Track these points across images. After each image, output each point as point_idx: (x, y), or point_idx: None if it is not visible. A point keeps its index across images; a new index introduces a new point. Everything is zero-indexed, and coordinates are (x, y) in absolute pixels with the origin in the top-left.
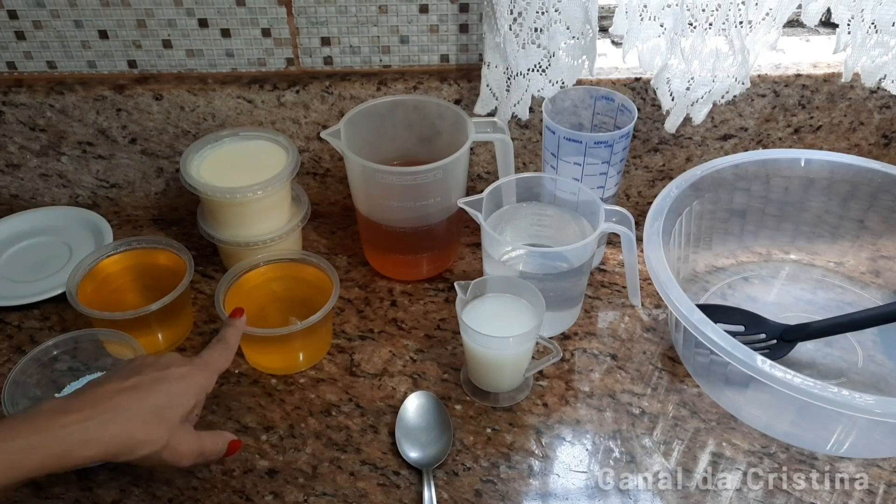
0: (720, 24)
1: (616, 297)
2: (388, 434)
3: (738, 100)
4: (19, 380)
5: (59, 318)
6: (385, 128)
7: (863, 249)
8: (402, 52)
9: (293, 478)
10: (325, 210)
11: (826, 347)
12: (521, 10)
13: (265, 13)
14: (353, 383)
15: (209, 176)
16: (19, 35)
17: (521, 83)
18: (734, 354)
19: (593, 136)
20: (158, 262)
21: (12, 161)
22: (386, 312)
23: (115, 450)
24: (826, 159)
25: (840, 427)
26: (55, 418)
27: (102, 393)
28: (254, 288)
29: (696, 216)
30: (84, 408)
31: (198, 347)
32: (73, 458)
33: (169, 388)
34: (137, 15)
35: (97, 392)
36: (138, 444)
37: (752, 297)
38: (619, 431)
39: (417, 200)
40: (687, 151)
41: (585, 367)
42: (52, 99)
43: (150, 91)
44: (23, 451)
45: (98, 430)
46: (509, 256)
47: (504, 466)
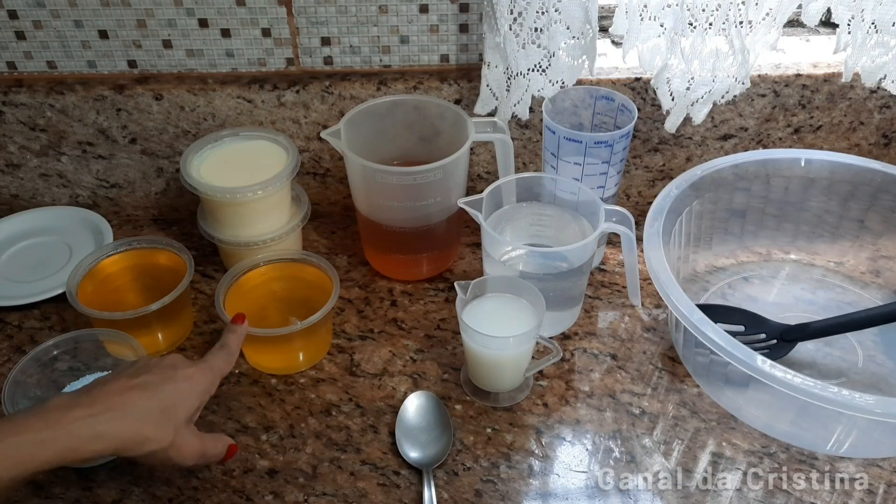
0: (720, 24)
1: (616, 297)
2: (389, 434)
3: (739, 100)
4: (19, 380)
5: (59, 318)
6: (385, 128)
7: (863, 249)
8: (403, 52)
9: (293, 478)
10: (325, 210)
11: (826, 347)
12: (521, 10)
13: (265, 13)
14: (353, 383)
15: (209, 176)
16: (19, 35)
17: (522, 83)
18: (734, 354)
19: (593, 136)
20: (158, 262)
21: (12, 161)
22: (386, 312)
23: (123, 445)
24: (826, 159)
25: (840, 427)
26: (65, 413)
27: (111, 390)
28: (254, 288)
29: (696, 216)
30: (93, 403)
31: (198, 347)
32: (82, 453)
33: (175, 389)
34: (137, 15)
35: (106, 389)
36: (146, 440)
37: (752, 297)
38: (619, 431)
39: (417, 200)
40: (687, 151)
41: (585, 367)
42: (52, 99)
43: (151, 91)
44: (33, 446)
45: (107, 425)
46: (509, 256)
47: (504, 466)
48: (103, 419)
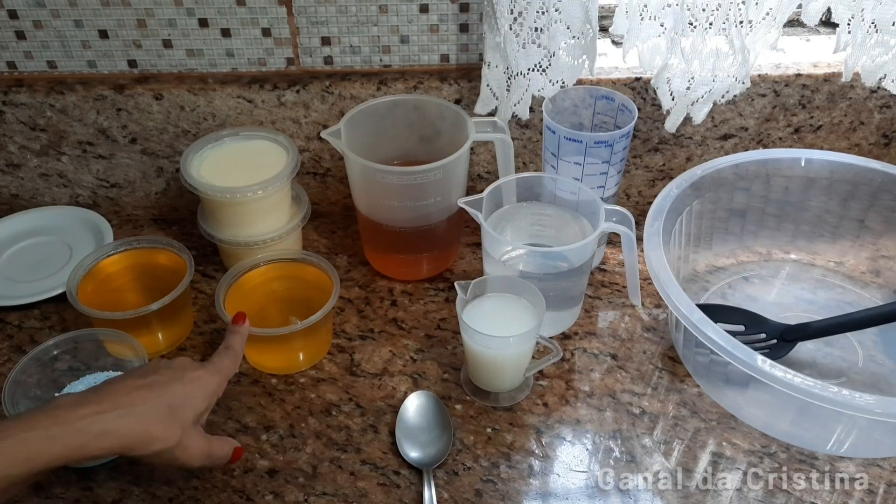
0: (720, 24)
1: (616, 296)
2: (389, 434)
3: (739, 99)
4: (19, 379)
5: (60, 318)
6: (385, 127)
7: (863, 249)
8: (403, 52)
9: (293, 477)
10: (326, 210)
11: (826, 347)
12: (521, 10)
13: (265, 13)
14: (353, 383)
15: (209, 176)
16: (19, 35)
17: (522, 83)
18: (734, 354)
19: (593, 136)
20: (158, 261)
21: (12, 161)
22: (386, 312)
23: (131, 443)
24: (826, 159)
25: (840, 427)
26: (73, 411)
27: (119, 389)
28: (254, 288)
29: (696, 216)
30: (101, 401)
31: (198, 347)
32: (90, 450)
33: (183, 389)
34: (137, 15)
35: (114, 388)
36: (153, 439)
37: (753, 296)
38: (619, 431)
39: (417, 200)
40: (687, 151)
41: (585, 366)
42: (52, 99)
43: (151, 91)
44: (42, 442)
45: (115, 422)
46: (509, 256)
47: (504, 466)
48: (111, 416)
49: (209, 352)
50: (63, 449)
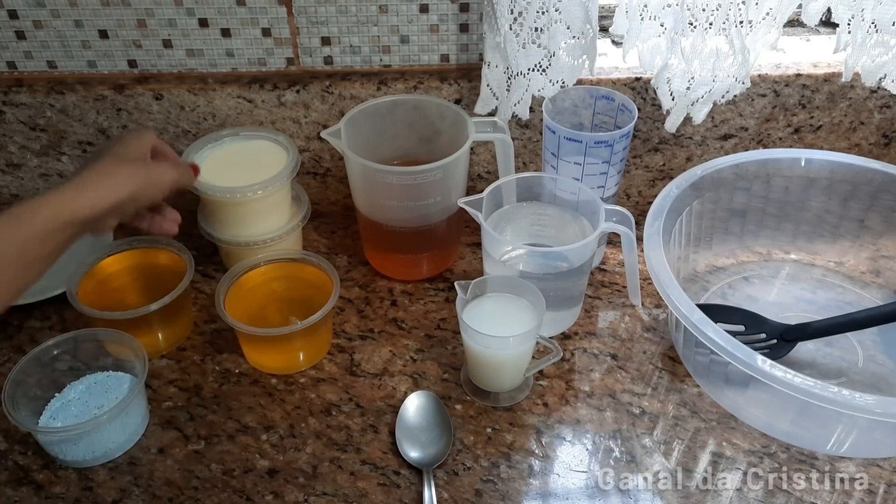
0: (720, 24)
1: (616, 296)
2: (389, 434)
3: (739, 99)
4: (19, 379)
5: (59, 318)
6: (385, 127)
7: (863, 249)
8: (403, 52)
9: (293, 477)
10: (326, 210)
11: (826, 347)
12: (521, 10)
13: (265, 13)
14: (353, 383)
15: (209, 176)
16: (19, 35)
17: (522, 83)
18: (734, 354)
19: (593, 136)
20: (158, 261)
21: (13, 161)
22: (386, 312)
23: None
24: (826, 159)
25: (840, 427)
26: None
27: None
28: (254, 288)
29: (696, 216)
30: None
31: (198, 347)
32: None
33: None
34: (137, 15)
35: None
36: (125, 179)
37: (753, 296)
38: (619, 431)
39: (417, 200)
40: (687, 151)
41: (585, 366)
42: (52, 99)
43: (151, 91)
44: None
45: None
46: (509, 256)
47: (504, 466)
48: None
49: (209, 352)
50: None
